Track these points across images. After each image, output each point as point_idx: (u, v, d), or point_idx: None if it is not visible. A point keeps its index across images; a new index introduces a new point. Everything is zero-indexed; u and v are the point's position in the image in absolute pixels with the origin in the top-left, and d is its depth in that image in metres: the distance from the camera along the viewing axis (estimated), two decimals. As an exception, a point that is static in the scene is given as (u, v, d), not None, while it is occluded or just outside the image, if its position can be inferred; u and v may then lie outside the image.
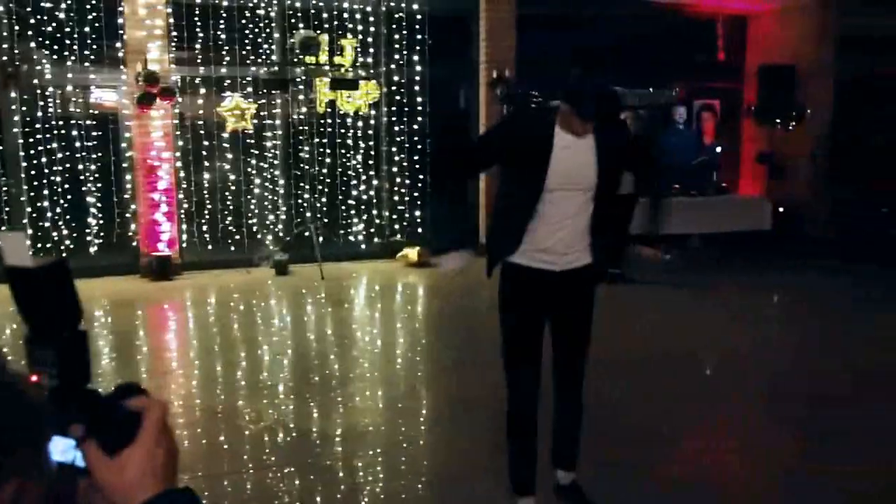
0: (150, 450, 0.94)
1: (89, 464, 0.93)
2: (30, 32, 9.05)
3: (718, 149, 10.50)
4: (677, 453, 4.64)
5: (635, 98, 11.44)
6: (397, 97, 10.63)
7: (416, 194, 10.85)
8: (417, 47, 10.59)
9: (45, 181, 9.23)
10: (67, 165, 9.31)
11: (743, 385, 5.95)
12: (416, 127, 10.72)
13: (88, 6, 9.13)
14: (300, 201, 10.34)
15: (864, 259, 10.16)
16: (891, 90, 12.83)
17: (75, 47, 9.14)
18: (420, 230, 10.87)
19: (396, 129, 10.68)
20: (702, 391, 5.77)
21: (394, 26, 10.49)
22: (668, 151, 10.41)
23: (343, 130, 10.47)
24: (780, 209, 11.06)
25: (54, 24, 9.08)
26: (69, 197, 9.37)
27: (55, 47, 9.13)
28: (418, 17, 10.51)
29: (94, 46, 9.23)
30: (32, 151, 9.17)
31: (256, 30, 9.91)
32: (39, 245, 9.15)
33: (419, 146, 10.75)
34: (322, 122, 10.38)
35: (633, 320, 7.51)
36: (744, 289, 9.24)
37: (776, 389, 5.83)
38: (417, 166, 10.78)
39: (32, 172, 9.20)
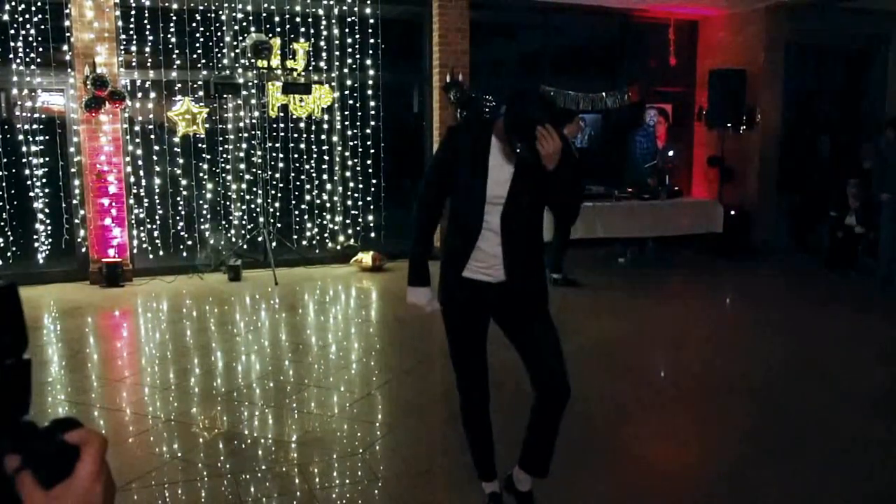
0: (88, 484, 0.89)
1: (23, 497, 0.88)
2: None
3: (671, 152, 10.61)
4: (629, 458, 4.66)
5: (588, 102, 11.56)
6: (350, 101, 10.58)
7: (369, 199, 10.80)
8: (370, 51, 10.55)
9: (-11, 186, 9.04)
10: (14, 170, 9.11)
11: (696, 385, 6.01)
12: (369, 131, 10.68)
13: (34, 8, 8.95)
14: (253, 206, 10.24)
15: (811, 262, 10.33)
16: (836, 95, 13.11)
17: (20, 50, 8.96)
18: (374, 234, 10.82)
19: (350, 133, 10.62)
20: (656, 393, 5.81)
21: (346, 30, 10.44)
22: (635, 153, 10.51)
23: (296, 135, 10.39)
24: (732, 212, 11.20)
25: (-2, 26, 8.90)
26: (16, 203, 9.16)
27: (-1, 49, 8.96)
28: (371, 20, 10.48)
29: (41, 49, 9.05)
30: (-23, 156, 8.97)
31: (207, 33, 9.79)
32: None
33: (372, 150, 10.70)
34: (274, 126, 10.29)
35: (588, 322, 7.56)
36: (695, 291, 9.37)
37: (728, 388, 5.89)
38: (371, 171, 10.73)
39: (-24, 178, 9.00)
